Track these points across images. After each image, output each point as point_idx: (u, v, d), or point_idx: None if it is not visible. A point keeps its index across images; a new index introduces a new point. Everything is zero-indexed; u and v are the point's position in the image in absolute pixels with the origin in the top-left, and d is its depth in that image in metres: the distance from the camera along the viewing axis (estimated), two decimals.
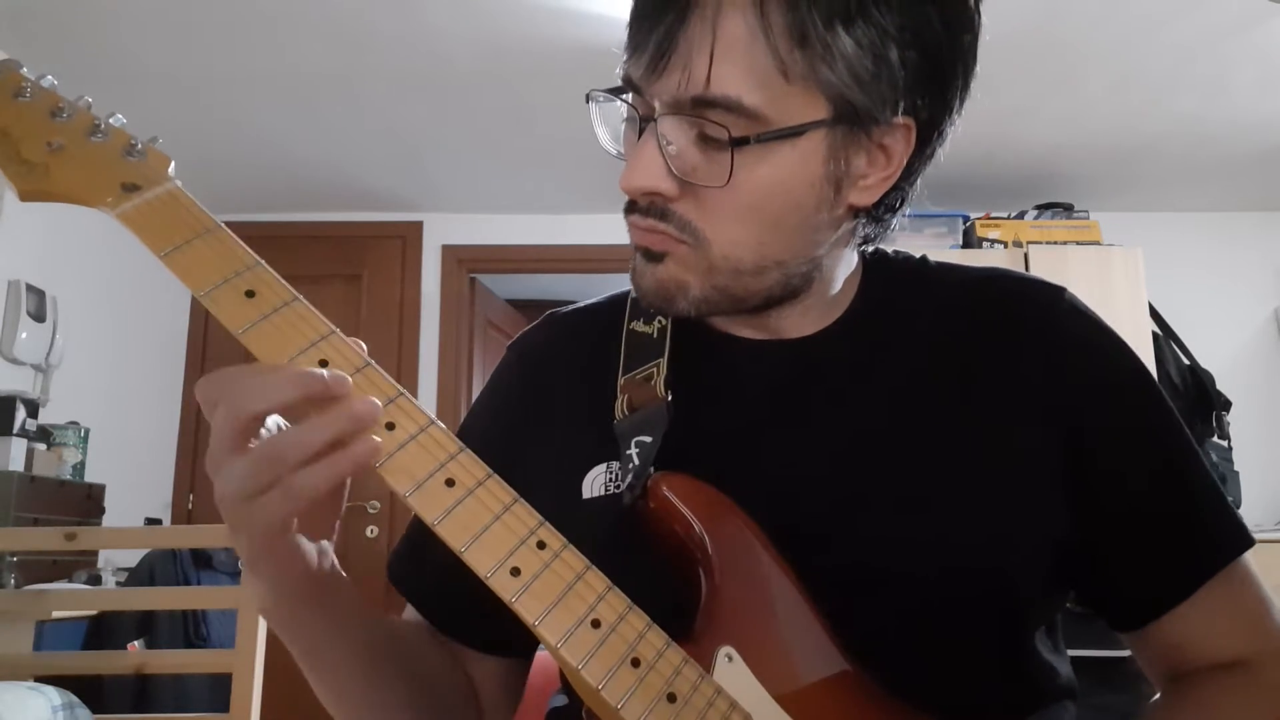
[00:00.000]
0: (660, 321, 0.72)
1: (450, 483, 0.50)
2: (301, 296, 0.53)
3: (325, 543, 0.54)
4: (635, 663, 0.51)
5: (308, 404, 0.48)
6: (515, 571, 0.50)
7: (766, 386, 0.69)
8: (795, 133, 0.58)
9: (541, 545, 0.51)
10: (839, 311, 0.71)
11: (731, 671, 0.55)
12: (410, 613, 0.75)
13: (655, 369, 0.68)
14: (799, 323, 0.70)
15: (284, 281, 0.53)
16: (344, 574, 0.58)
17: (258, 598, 0.55)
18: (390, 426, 0.51)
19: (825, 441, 0.66)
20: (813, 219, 0.62)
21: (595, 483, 0.67)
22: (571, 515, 0.57)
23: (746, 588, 0.58)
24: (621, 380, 0.69)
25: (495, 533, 0.50)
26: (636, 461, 0.63)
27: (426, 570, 0.72)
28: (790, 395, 0.68)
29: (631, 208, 0.63)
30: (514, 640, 0.71)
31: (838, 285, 0.71)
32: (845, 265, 0.71)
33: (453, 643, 0.72)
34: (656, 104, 0.59)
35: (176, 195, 0.56)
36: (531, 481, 0.56)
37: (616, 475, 0.66)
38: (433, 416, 0.52)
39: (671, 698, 0.51)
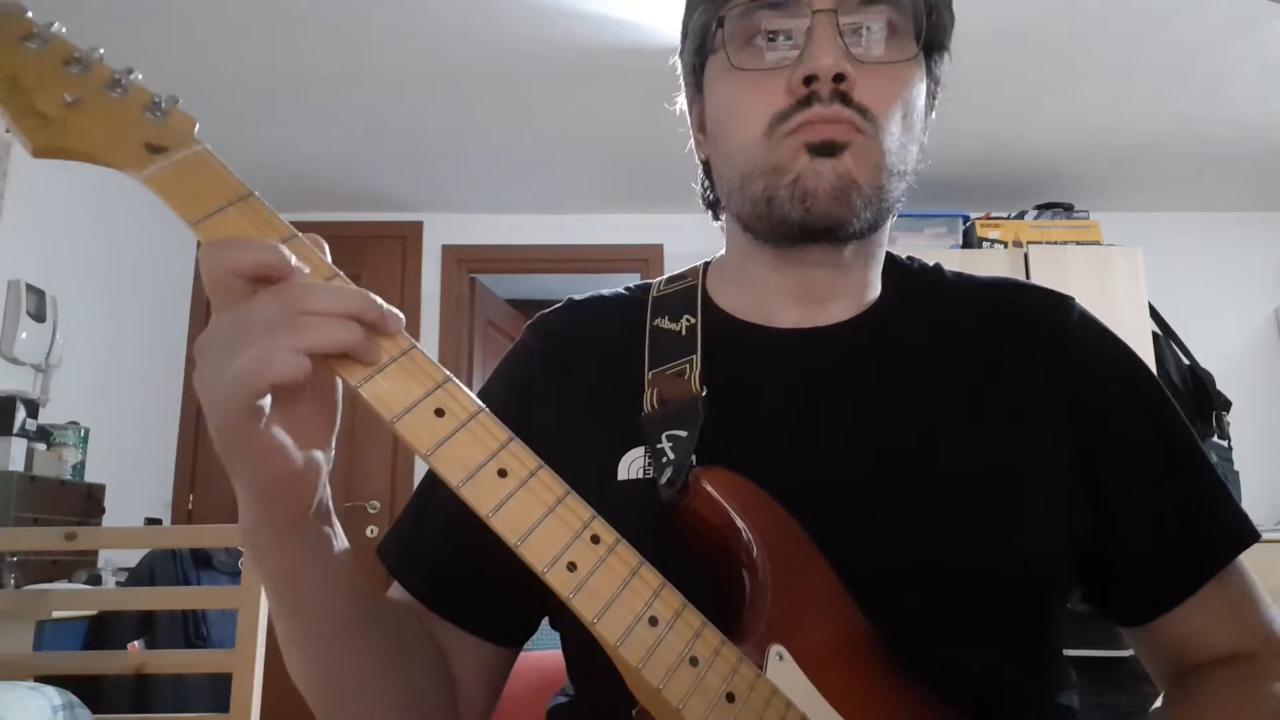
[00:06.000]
0: (688, 320, 0.73)
1: (502, 473, 0.48)
2: (341, 272, 0.50)
3: (317, 454, 0.50)
4: (694, 661, 0.49)
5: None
6: (571, 567, 0.48)
7: (802, 381, 0.69)
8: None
9: (596, 539, 0.49)
10: (869, 301, 0.73)
11: (783, 670, 0.54)
12: (397, 592, 0.72)
13: (688, 365, 0.69)
14: (839, 303, 0.72)
15: (322, 255, 0.50)
16: (336, 518, 0.55)
17: (241, 516, 0.51)
18: (440, 413, 0.48)
19: (859, 437, 0.66)
20: (919, 134, 0.69)
21: (633, 466, 0.67)
22: (606, 496, 0.56)
23: (793, 586, 0.58)
24: (649, 374, 0.69)
25: (549, 527, 0.48)
26: (671, 455, 0.63)
27: (423, 549, 0.71)
28: (824, 390, 0.69)
29: (806, 102, 0.64)
30: (509, 625, 0.71)
31: (879, 266, 0.74)
32: (884, 248, 0.75)
33: (442, 625, 0.70)
34: (824, 1, 0.64)
35: (205, 158, 0.51)
36: (555, 461, 0.55)
37: (649, 464, 0.66)
38: (481, 403, 0.49)
39: (730, 697, 0.50)
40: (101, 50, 0.53)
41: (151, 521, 3.37)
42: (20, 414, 2.69)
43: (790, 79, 0.64)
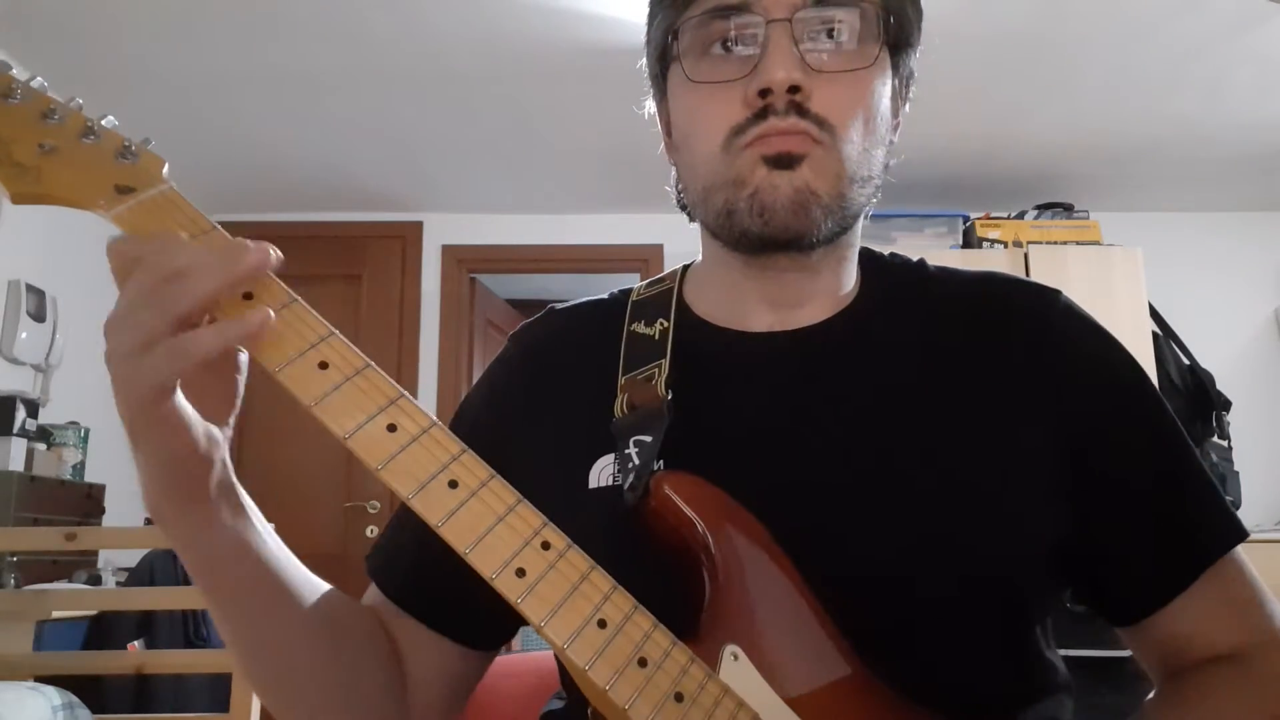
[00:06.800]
0: (662, 324, 0.73)
1: (453, 484, 0.51)
2: (299, 298, 0.53)
3: (216, 431, 0.52)
4: (642, 662, 0.51)
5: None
6: (520, 572, 0.50)
7: (771, 385, 0.69)
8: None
9: (546, 546, 0.51)
10: (844, 301, 0.73)
11: (737, 670, 0.55)
12: (373, 595, 0.73)
13: (656, 369, 0.69)
14: (812, 305, 0.71)
15: (281, 283, 0.53)
16: (242, 489, 0.57)
17: (146, 492, 0.53)
18: (392, 429, 0.51)
19: (829, 440, 0.66)
20: (885, 135, 0.68)
21: (604, 473, 0.67)
22: (577, 504, 0.56)
23: (751, 587, 0.58)
24: (622, 379, 0.70)
25: (499, 534, 0.50)
26: (636, 460, 0.63)
27: (398, 552, 0.72)
28: (794, 394, 0.68)
29: (763, 115, 0.63)
30: (478, 628, 0.71)
31: (853, 265, 0.74)
32: (856, 248, 0.74)
33: (409, 624, 0.69)
34: (779, 10, 0.63)
35: (171, 197, 0.55)
36: (531, 470, 0.55)
37: (617, 470, 0.66)
38: (434, 418, 0.52)
39: (679, 697, 0.51)
40: (79, 100, 0.57)
41: (151, 521, 3.36)
42: (20, 414, 2.69)
43: (746, 91, 0.63)
